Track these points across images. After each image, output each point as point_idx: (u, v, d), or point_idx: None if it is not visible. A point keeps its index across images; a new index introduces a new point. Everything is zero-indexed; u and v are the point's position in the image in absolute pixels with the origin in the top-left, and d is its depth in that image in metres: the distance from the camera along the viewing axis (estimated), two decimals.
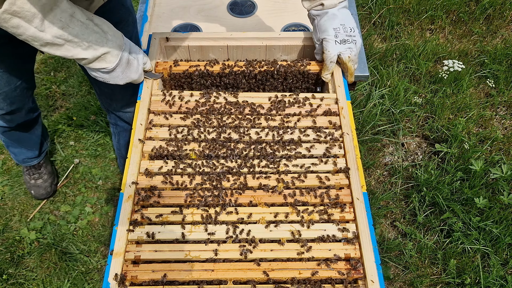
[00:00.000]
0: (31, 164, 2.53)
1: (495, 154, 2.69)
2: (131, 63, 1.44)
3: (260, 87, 1.68)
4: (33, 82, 2.03)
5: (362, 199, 1.35)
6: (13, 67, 1.78)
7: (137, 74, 1.48)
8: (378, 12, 3.47)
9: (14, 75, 1.83)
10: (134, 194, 1.32)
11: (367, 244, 1.27)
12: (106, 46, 1.31)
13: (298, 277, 1.22)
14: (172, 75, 1.65)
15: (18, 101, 1.99)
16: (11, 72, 1.79)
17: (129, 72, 1.44)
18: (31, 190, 2.57)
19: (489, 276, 2.23)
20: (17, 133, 2.27)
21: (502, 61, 3.21)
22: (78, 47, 1.25)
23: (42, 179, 2.56)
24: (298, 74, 1.66)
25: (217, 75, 1.64)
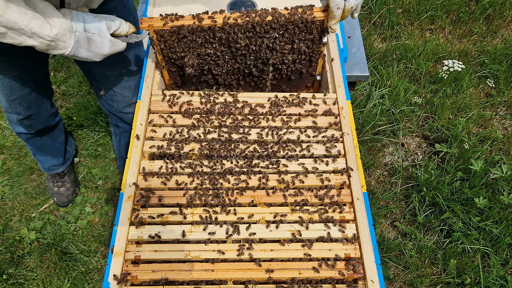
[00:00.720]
0: (56, 172, 2.54)
1: (495, 154, 2.69)
2: (93, 39, 1.34)
3: (258, 41, 1.51)
4: (49, 87, 2.03)
5: (362, 199, 1.35)
6: (26, 69, 1.78)
7: (108, 46, 1.38)
8: (378, 12, 3.47)
9: (28, 78, 1.83)
10: (134, 194, 1.32)
11: (367, 244, 1.27)
12: (52, 32, 1.24)
13: (298, 277, 1.22)
14: (160, 34, 1.51)
15: (34, 106, 1.99)
16: (24, 75, 1.79)
17: (96, 49, 1.36)
18: (54, 197, 2.58)
19: (489, 276, 2.23)
20: (39, 140, 2.28)
21: (502, 61, 3.21)
22: (22, 35, 1.21)
23: (65, 187, 2.57)
24: (300, 24, 1.48)
25: (209, 29, 1.48)
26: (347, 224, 1.32)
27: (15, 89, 1.83)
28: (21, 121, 2.04)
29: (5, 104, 1.93)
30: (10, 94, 1.86)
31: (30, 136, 2.22)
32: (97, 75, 1.86)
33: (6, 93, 1.85)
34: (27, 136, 2.22)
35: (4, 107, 1.98)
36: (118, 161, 2.62)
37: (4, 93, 1.86)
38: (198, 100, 1.54)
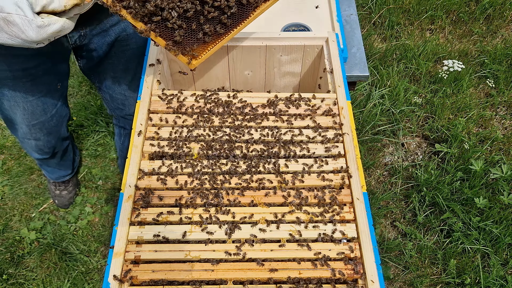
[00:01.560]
0: (63, 180, 2.53)
1: (495, 154, 2.69)
2: (10, 20, 1.05)
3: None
4: (67, 110, 1.98)
5: (362, 199, 1.35)
6: (48, 92, 1.73)
7: (32, 29, 1.07)
8: (378, 12, 3.47)
9: (50, 102, 1.77)
10: (134, 194, 1.32)
11: (367, 244, 1.27)
12: None
13: (298, 277, 1.22)
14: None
15: (55, 131, 1.94)
16: (46, 98, 1.74)
17: (17, 32, 1.07)
18: (55, 199, 2.57)
19: (489, 276, 2.23)
20: (52, 161, 2.25)
21: (502, 61, 3.21)
22: None
23: (67, 191, 2.56)
24: None
25: None
26: (347, 224, 1.32)
27: (37, 113, 1.76)
28: (40, 147, 1.97)
29: (24, 129, 1.84)
30: (31, 119, 1.78)
31: (46, 160, 2.17)
32: (108, 80, 1.82)
33: (27, 117, 1.77)
34: (42, 161, 2.17)
35: (22, 133, 1.88)
36: (120, 161, 2.62)
37: (24, 118, 1.77)
38: (198, 100, 1.54)
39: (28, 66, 1.57)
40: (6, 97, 1.69)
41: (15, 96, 1.67)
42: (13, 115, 1.78)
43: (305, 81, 1.88)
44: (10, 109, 1.74)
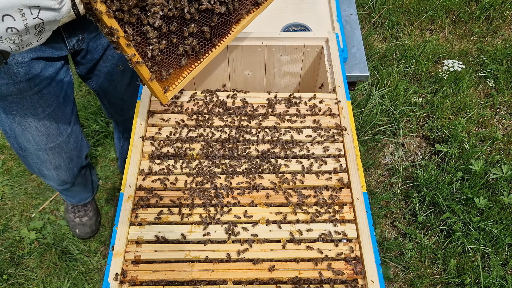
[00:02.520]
0: (84, 203, 2.39)
1: (495, 154, 2.69)
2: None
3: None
4: (80, 128, 1.81)
5: (362, 199, 1.35)
6: (57, 104, 1.61)
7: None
8: (378, 12, 3.47)
9: (62, 119, 1.64)
10: (134, 194, 1.32)
11: (367, 244, 1.27)
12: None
13: (298, 277, 1.22)
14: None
15: (76, 157, 1.79)
16: (57, 114, 1.62)
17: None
18: (76, 229, 2.39)
19: (489, 276, 2.23)
20: (74, 188, 2.11)
21: (502, 61, 3.21)
22: None
23: (87, 217, 2.38)
24: None
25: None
26: (347, 224, 1.32)
27: (52, 134, 1.62)
28: (62, 177, 1.81)
29: (42, 157, 1.68)
30: (47, 141, 1.63)
31: (67, 189, 2.01)
32: (105, 84, 1.75)
33: (42, 139, 1.63)
34: (63, 192, 2.01)
35: (41, 162, 1.70)
36: (120, 162, 2.61)
37: (40, 141, 1.63)
38: (198, 100, 1.54)
39: (32, 74, 1.50)
40: (16, 119, 1.57)
41: (25, 116, 1.55)
42: (27, 142, 1.64)
43: (305, 81, 1.88)
44: (23, 134, 1.61)
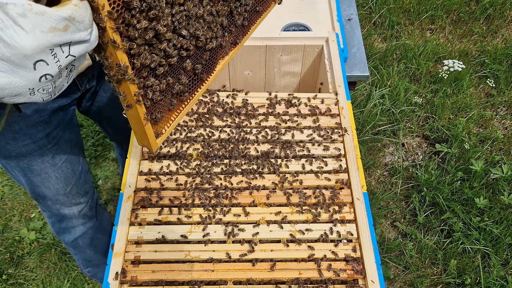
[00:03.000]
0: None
1: (496, 154, 2.69)
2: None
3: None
4: (84, 156, 1.81)
5: (362, 199, 1.35)
6: (70, 149, 1.61)
7: (32, 20, 0.58)
8: (378, 12, 3.47)
9: (75, 160, 1.65)
10: (134, 194, 1.32)
11: (367, 244, 1.27)
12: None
13: (298, 277, 1.22)
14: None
15: (90, 190, 1.80)
16: (71, 157, 1.62)
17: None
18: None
19: (490, 276, 2.23)
20: (94, 226, 1.95)
21: (503, 61, 3.20)
22: None
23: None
24: None
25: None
26: (347, 224, 1.32)
27: (69, 177, 1.64)
28: (83, 212, 1.79)
29: (62, 200, 1.68)
30: (66, 186, 1.64)
31: (90, 227, 1.90)
32: (107, 111, 1.70)
33: (61, 186, 1.63)
34: (88, 231, 1.90)
35: (60, 206, 1.70)
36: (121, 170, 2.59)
37: (59, 188, 1.63)
38: (198, 100, 1.54)
39: (49, 130, 1.46)
40: (35, 173, 1.54)
41: (44, 168, 1.54)
42: (46, 190, 1.62)
43: (305, 81, 1.88)
44: (42, 184, 1.59)
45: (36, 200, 1.72)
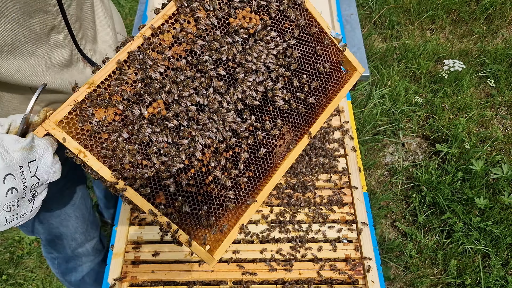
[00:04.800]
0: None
1: (496, 154, 2.68)
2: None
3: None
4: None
5: (362, 199, 1.35)
6: (82, 185, 1.61)
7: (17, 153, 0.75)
8: (378, 11, 3.47)
9: (85, 194, 1.65)
10: None
11: (367, 245, 1.26)
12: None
13: (299, 277, 1.22)
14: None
15: (97, 221, 1.80)
16: (84, 192, 1.63)
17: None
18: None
19: (490, 277, 2.23)
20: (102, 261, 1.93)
21: (503, 61, 3.20)
22: None
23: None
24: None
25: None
26: (347, 225, 1.31)
27: (85, 214, 1.64)
28: (95, 246, 1.78)
29: (79, 239, 1.66)
30: (83, 223, 1.64)
31: (97, 263, 1.88)
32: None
33: (80, 225, 1.63)
34: (95, 267, 1.88)
35: (77, 244, 1.67)
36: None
37: (78, 226, 1.62)
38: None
39: (66, 170, 1.37)
40: (55, 215, 1.51)
41: (64, 209, 1.53)
42: (64, 229, 1.58)
43: None
44: (61, 224, 1.56)
45: (48, 243, 1.67)
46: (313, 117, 1.04)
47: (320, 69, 1.03)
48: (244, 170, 0.96)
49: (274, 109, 0.98)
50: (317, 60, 1.03)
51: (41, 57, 0.98)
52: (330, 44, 1.04)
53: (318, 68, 1.03)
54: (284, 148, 1.01)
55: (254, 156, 0.97)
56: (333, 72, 1.06)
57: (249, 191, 0.97)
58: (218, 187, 0.92)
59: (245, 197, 0.96)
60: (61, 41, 1.02)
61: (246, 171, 0.96)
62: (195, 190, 0.90)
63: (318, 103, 1.03)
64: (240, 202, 0.96)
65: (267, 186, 0.97)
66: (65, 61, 1.05)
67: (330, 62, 1.05)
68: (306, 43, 1.01)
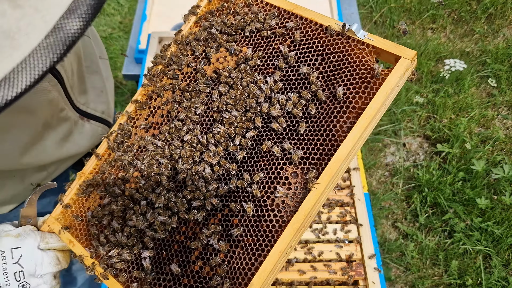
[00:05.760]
0: None
1: (497, 154, 2.67)
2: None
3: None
4: None
5: (363, 199, 1.34)
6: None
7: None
8: (379, 11, 3.46)
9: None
10: None
11: (368, 245, 1.25)
12: None
13: (299, 278, 1.21)
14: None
15: None
16: None
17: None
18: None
19: (491, 277, 2.22)
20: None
21: (504, 61, 3.19)
22: None
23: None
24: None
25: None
26: (348, 225, 1.30)
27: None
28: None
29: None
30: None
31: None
32: None
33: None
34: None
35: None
36: None
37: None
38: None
39: None
40: None
41: None
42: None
43: None
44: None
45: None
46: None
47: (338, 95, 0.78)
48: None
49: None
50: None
51: (50, 139, 1.03)
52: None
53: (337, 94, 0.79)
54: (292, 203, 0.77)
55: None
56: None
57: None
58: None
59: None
60: (65, 115, 1.04)
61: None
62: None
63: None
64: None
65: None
66: (68, 131, 1.08)
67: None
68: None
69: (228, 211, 0.81)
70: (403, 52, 0.78)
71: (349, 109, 0.78)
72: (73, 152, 1.13)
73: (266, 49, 0.89)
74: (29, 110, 0.90)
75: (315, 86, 0.81)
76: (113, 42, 3.44)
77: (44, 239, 0.86)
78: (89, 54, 1.17)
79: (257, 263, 0.74)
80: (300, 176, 0.78)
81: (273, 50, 0.89)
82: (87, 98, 1.16)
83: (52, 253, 0.86)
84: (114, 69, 3.24)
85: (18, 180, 1.07)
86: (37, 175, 1.11)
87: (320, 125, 0.79)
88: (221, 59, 0.94)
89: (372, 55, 0.80)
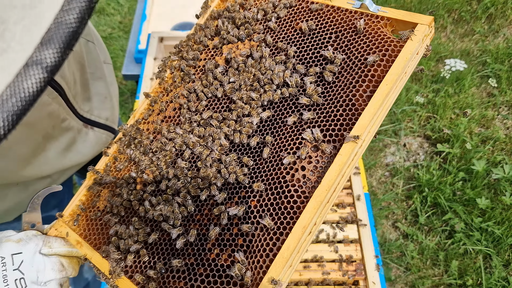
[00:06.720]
0: None
1: (497, 154, 2.67)
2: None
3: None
4: None
5: (363, 199, 1.34)
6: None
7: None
8: None
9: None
10: None
11: (368, 245, 1.25)
12: None
13: (299, 278, 1.20)
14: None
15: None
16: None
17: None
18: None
19: (491, 278, 2.21)
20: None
21: (504, 61, 3.19)
22: None
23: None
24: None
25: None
26: (348, 225, 1.30)
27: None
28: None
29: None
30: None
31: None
32: None
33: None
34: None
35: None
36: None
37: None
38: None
39: None
40: None
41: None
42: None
43: None
44: None
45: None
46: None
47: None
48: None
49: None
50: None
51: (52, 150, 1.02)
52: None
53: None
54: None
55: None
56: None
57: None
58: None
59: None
60: (67, 125, 1.04)
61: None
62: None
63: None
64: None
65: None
66: (71, 141, 1.07)
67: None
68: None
69: (250, 191, 0.78)
70: (419, 19, 0.78)
71: (368, 78, 0.76)
72: (76, 161, 1.12)
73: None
74: (28, 123, 0.88)
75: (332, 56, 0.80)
76: (113, 42, 3.44)
77: (47, 243, 0.82)
78: (93, 60, 1.15)
79: (279, 242, 0.70)
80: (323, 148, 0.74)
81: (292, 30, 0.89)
82: (91, 105, 1.14)
83: (55, 259, 0.82)
84: (114, 69, 3.24)
85: (21, 187, 1.06)
86: (41, 182, 1.10)
87: (339, 96, 0.77)
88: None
89: (388, 27, 0.80)
